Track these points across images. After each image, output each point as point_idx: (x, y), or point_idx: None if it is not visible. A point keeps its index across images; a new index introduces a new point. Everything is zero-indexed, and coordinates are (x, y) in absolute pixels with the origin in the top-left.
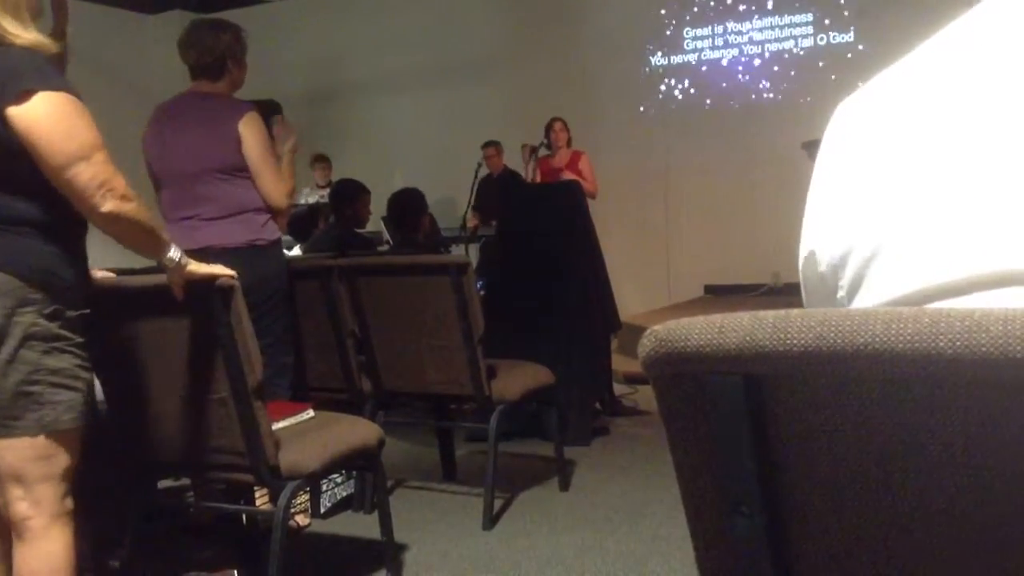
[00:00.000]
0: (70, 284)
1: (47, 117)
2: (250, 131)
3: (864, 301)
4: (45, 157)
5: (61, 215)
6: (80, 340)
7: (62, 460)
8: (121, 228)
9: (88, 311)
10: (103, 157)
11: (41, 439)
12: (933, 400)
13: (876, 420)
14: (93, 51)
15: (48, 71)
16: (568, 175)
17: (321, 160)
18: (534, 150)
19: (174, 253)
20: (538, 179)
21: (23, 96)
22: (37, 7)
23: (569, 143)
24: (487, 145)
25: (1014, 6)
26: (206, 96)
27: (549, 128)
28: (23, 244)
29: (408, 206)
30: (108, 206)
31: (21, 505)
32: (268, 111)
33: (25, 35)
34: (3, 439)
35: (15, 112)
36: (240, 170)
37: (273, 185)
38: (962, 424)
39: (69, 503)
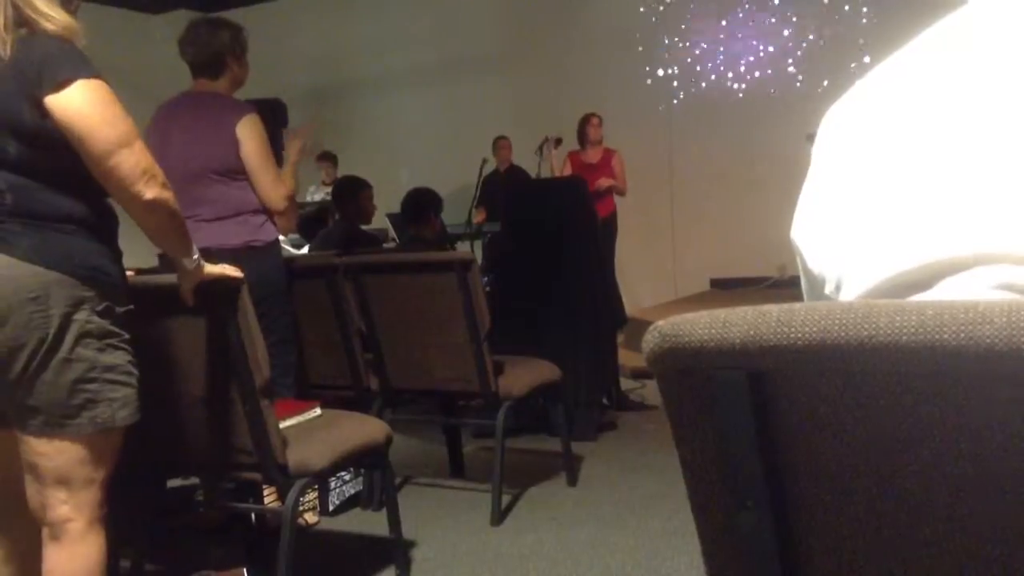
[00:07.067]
0: (117, 280)
1: (89, 104)
2: (248, 133)
3: (847, 297)
4: (88, 145)
5: (102, 210)
6: (129, 336)
7: (107, 464)
8: (160, 219)
9: (132, 307)
10: (142, 145)
11: (92, 440)
12: (937, 392)
13: (881, 413)
14: (97, 51)
15: (83, 58)
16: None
17: (326, 158)
18: (559, 141)
19: (196, 255)
20: (568, 171)
21: (62, 85)
22: None
23: (600, 140)
24: (500, 139)
25: (994, 9)
26: (205, 96)
27: (586, 123)
28: (72, 243)
29: (426, 205)
30: (151, 193)
31: (63, 508)
32: (274, 111)
33: (57, 17)
34: (55, 439)
35: (55, 101)
36: (237, 172)
37: (270, 187)
38: (967, 416)
39: (104, 508)
